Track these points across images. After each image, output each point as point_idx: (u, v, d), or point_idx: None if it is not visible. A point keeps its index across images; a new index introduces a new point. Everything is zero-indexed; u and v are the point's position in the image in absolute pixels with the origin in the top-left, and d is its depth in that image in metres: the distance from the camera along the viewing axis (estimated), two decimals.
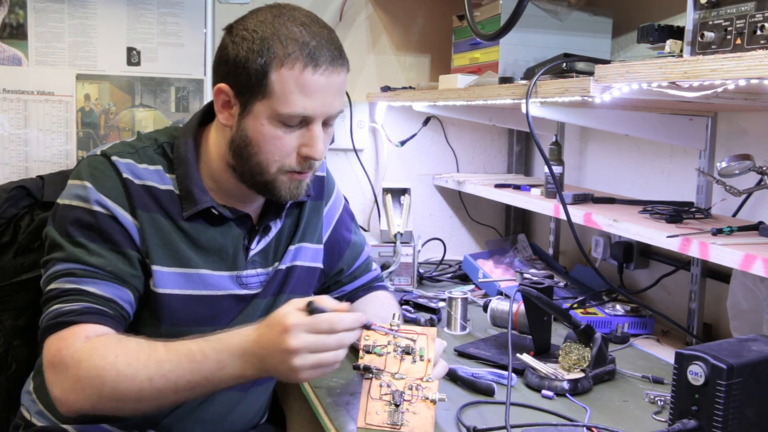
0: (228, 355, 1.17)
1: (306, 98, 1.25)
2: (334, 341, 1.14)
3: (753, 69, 0.99)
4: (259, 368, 1.17)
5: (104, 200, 1.29)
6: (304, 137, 1.29)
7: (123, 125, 2.09)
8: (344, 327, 1.15)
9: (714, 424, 1.10)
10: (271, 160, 1.29)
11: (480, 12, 2.07)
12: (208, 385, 1.19)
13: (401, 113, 2.65)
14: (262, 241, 1.44)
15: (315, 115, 1.27)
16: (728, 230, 1.44)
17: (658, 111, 1.80)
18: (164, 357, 1.18)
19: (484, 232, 2.78)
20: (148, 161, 1.35)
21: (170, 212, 1.34)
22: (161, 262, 1.32)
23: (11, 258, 1.47)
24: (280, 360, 1.13)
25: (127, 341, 1.21)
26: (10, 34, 2.00)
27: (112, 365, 1.17)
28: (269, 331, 1.15)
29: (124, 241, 1.29)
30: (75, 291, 1.24)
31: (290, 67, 1.24)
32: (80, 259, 1.25)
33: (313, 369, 1.14)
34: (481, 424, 1.27)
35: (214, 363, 1.17)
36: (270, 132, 1.27)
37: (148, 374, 1.17)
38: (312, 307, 1.14)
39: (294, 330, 1.12)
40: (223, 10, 2.15)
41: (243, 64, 1.25)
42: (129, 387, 1.17)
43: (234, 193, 1.39)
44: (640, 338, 1.83)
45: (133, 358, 1.18)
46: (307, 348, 1.12)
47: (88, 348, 1.19)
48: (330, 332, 1.14)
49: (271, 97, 1.25)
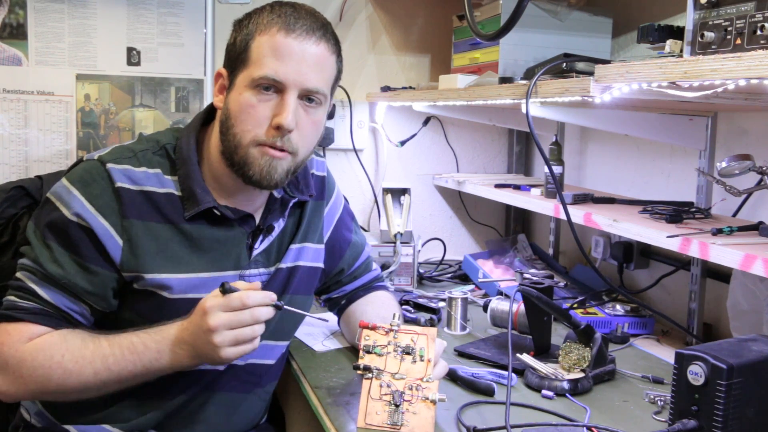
0: (166, 344, 1.27)
1: (277, 61, 1.28)
2: (248, 316, 1.22)
3: (753, 69, 0.99)
4: (192, 354, 1.26)
5: (86, 210, 1.29)
6: (277, 107, 1.30)
7: (123, 125, 2.09)
8: (255, 302, 1.23)
9: (714, 424, 1.10)
10: (244, 130, 1.30)
11: (480, 12, 2.07)
12: (147, 373, 1.28)
13: (401, 113, 2.65)
14: (266, 240, 1.44)
15: (286, 81, 1.28)
16: (728, 230, 1.44)
17: (658, 111, 1.80)
18: (108, 351, 1.26)
19: (484, 232, 2.78)
20: (147, 164, 1.35)
21: (170, 216, 1.34)
22: (159, 270, 1.32)
23: (10, 258, 1.47)
24: (205, 341, 1.22)
25: (71, 338, 1.28)
26: (10, 34, 2.00)
27: (59, 364, 1.25)
28: (194, 317, 1.25)
29: (93, 255, 1.30)
30: (30, 291, 1.29)
31: (266, 32, 1.29)
32: (41, 263, 1.30)
33: (234, 346, 1.23)
34: (481, 424, 1.27)
35: (154, 353, 1.26)
36: (245, 100, 1.30)
37: (93, 369, 1.26)
38: (225, 287, 1.23)
39: (210, 310, 1.22)
40: (223, 10, 2.15)
41: (233, 43, 1.34)
42: (74, 382, 1.26)
43: (236, 193, 1.39)
44: (640, 338, 1.83)
45: (78, 355, 1.26)
46: (224, 325, 1.21)
47: (32, 348, 1.26)
48: (243, 308, 1.22)
49: (249, 64, 1.30)
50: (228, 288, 1.23)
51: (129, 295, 1.34)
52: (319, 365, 1.57)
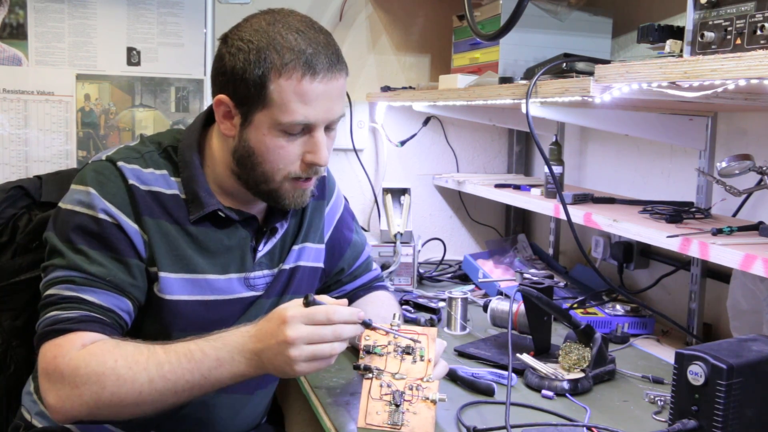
0: (226, 352, 1.18)
1: (306, 106, 1.25)
2: (330, 332, 1.16)
3: (753, 69, 0.99)
4: (257, 364, 1.18)
5: (109, 207, 1.28)
6: (307, 144, 1.29)
7: (123, 125, 2.09)
8: (341, 318, 1.17)
9: (714, 424, 1.10)
10: (275, 169, 1.29)
11: (480, 12, 2.07)
12: (206, 384, 1.19)
13: (401, 113, 2.65)
14: (270, 242, 1.44)
15: (317, 122, 1.27)
16: (728, 230, 1.44)
17: (658, 111, 1.80)
18: (163, 358, 1.18)
19: (484, 232, 2.78)
20: (154, 166, 1.35)
21: (177, 217, 1.33)
22: (168, 269, 1.31)
23: (9, 258, 1.47)
24: (277, 351, 1.15)
25: (124, 345, 1.21)
26: (10, 34, 2.00)
27: (112, 370, 1.17)
28: (268, 325, 1.17)
29: (127, 249, 1.28)
30: (73, 299, 1.23)
31: (288, 76, 1.23)
32: (80, 267, 1.25)
33: (310, 361, 1.15)
34: (481, 424, 1.27)
35: (213, 361, 1.18)
36: (273, 141, 1.27)
37: (148, 376, 1.17)
38: (310, 299, 1.17)
39: (291, 321, 1.14)
40: (223, 10, 2.16)
41: (241, 76, 1.24)
42: (129, 390, 1.17)
43: (239, 196, 1.38)
44: (640, 338, 1.83)
45: (132, 361, 1.18)
46: (304, 339, 1.14)
47: (85, 354, 1.18)
48: (326, 323, 1.15)
49: (272, 107, 1.25)
50: (312, 300, 1.17)
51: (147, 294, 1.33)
52: None
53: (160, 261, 1.30)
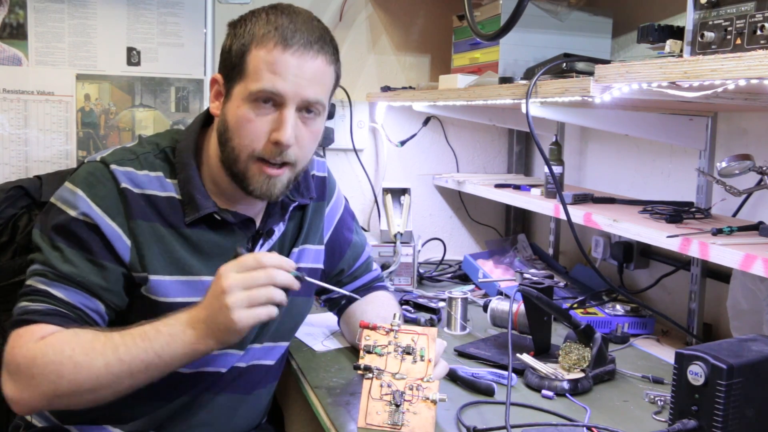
0: (178, 326, 1.21)
1: (275, 76, 1.26)
2: (263, 275, 1.18)
3: (753, 69, 0.99)
4: (204, 331, 1.19)
5: (92, 210, 1.29)
6: (275, 122, 1.28)
7: (123, 125, 2.09)
8: (271, 263, 1.20)
9: (714, 424, 1.10)
10: (242, 144, 1.29)
11: (480, 12, 2.07)
12: (160, 363, 1.20)
13: (401, 113, 2.65)
14: (266, 244, 1.44)
15: (284, 95, 1.26)
16: (728, 230, 1.44)
17: (658, 111, 1.80)
18: (119, 341, 1.20)
19: (484, 232, 2.78)
20: (149, 167, 1.35)
21: (171, 220, 1.34)
22: (162, 272, 1.32)
23: (9, 258, 1.47)
24: (217, 308, 1.17)
25: (83, 333, 1.23)
26: (10, 34, 2.00)
27: (69, 358, 1.19)
28: (210, 290, 1.20)
29: (103, 252, 1.29)
30: (43, 292, 1.26)
31: (263, 46, 1.27)
32: (53, 264, 1.27)
33: (249, 308, 1.17)
34: (481, 424, 1.27)
35: (166, 336, 1.20)
36: (243, 113, 1.28)
37: (104, 361, 1.19)
38: (239, 251, 1.21)
39: (224, 272, 1.18)
40: (223, 10, 2.15)
41: (228, 50, 1.31)
42: (86, 377, 1.19)
43: (236, 197, 1.38)
44: (640, 338, 1.83)
45: (89, 348, 1.20)
46: (238, 285, 1.17)
47: (42, 345, 1.21)
48: (258, 267, 1.18)
49: (246, 77, 1.28)
50: (241, 252, 1.21)
51: (135, 299, 1.33)
52: (319, 365, 1.57)
53: (151, 264, 1.31)
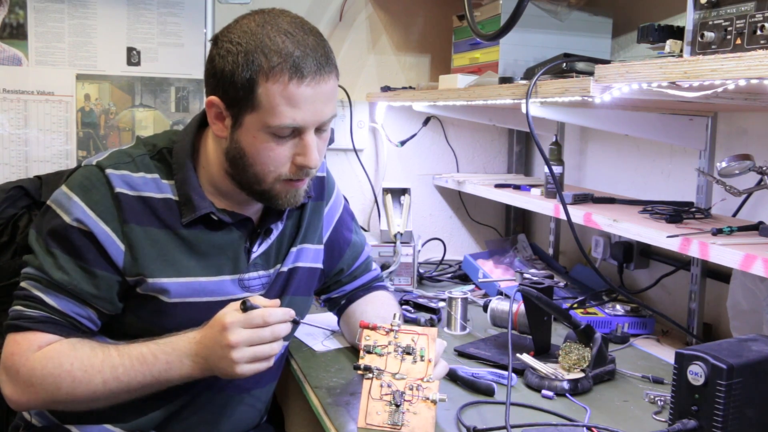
0: (176, 356, 1.26)
1: (294, 109, 1.24)
2: (268, 333, 1.23)
3: (753, 69, 0.99)
4: (203, 366, 1.26)
5: (87, 216, 1.29)
6: (297, 146, 1.29)
7: (123, 125, 2.09)
8: (276, 319, 1.24)
9: (714, 424, 1.10)
10: (266, 171, 1.30)
11: (480, 12, 2.07)
12: (157, 384, 1.28)
13: (401, 113, 2.65)
14: (264, 243, 1.44)
15: (306, 125, 1.27)
16: (728, 230, 1.44)
17: (658, 111, 1.80)
18: (117, 361, 1.26)
19: (484, 232, 2.78)
20: (145, 170, 1.35)
21: (168, 222, 1.34)
22: (159, 274, 1.32)
23: (10, 258, 1.47)
24: (221, 356, 1.23)
25: (81, 347, 1.27)
26: (10, 34, 2.00)
27: (68, 373, 1.25)
28: (211, 332, 1.25)
29: (97, 259, 1.30)
30: (37, 299, 1.29)
31: (275, 80, 1.23)
32: (46, 270, 1.29)
33: (252, 362, 1.23)
34: (481, 424, 1.27)
35: (163, 364, 1.26)
36: (263, 144, 1.27)
37: (102, 378, 1.25)
38: (247, 305, 1.23)
39: (231, 327, 1.22)
40: (223, 10, 2.15)
41: (230, 78, 1.25)
42: (84, 391, 1.26)
43: (234, 197, 1.39)
44: (640, 338, 1.83)
45: (87, 364, 1.25)
46: (245, 341, 1.22)
47: (41, 357, 1.26)
48: (264, 325, 1.23)
49: (260, 110, 1.25)
50: (249, 305, 1.23)
51: (131, 299, 1.34)
52: (319, 365, 1.57)
53: (148, 267, 1.31)
